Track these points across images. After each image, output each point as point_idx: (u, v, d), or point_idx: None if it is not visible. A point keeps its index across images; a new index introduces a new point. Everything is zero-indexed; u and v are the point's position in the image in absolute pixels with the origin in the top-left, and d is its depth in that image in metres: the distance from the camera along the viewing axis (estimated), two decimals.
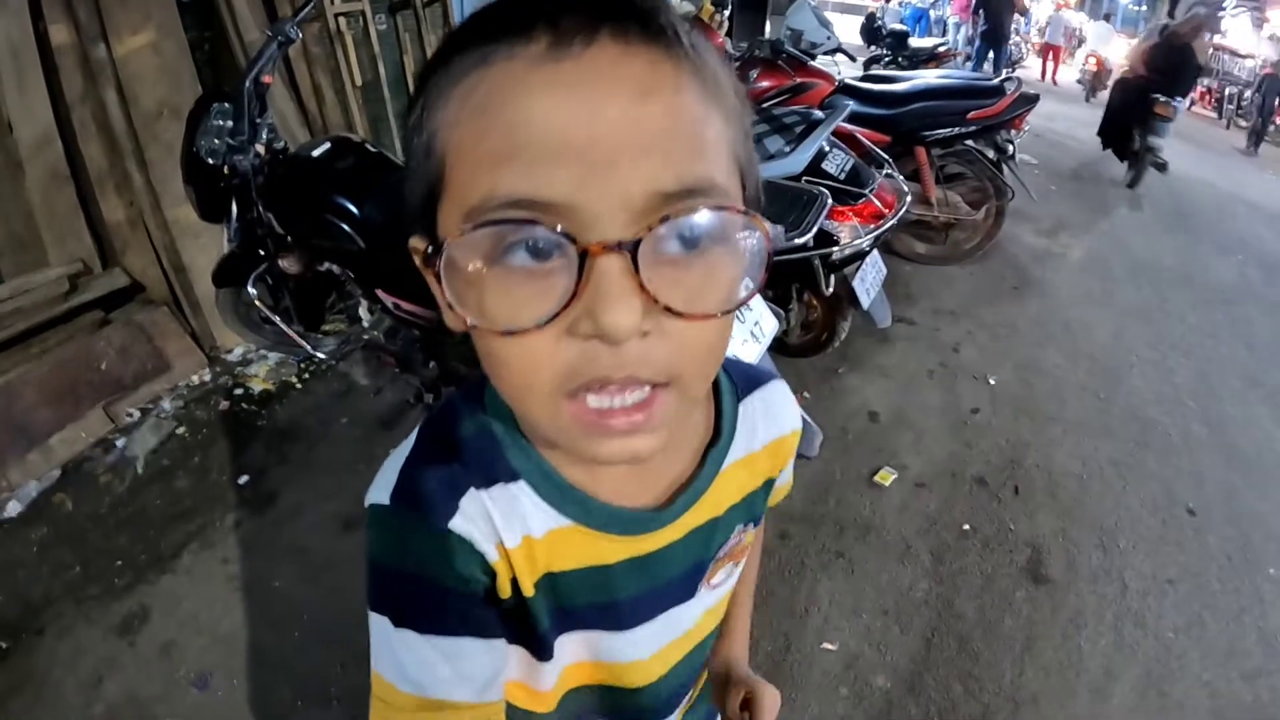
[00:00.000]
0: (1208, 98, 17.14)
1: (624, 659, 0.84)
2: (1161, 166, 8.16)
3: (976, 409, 4.00)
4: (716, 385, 0.81)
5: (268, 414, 3.67)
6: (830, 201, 3.07)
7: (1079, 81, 16.56)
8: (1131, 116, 8.15)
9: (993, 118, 5.04)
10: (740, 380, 0.85)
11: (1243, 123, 15.33)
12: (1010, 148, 5.31)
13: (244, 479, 3.26)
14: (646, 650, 0.84)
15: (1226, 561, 3.19)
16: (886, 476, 3.38)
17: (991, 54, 13.91)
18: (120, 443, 3.42)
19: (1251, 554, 3.24)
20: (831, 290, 3.35)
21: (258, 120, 2.98)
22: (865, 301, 3.52)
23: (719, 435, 0.80)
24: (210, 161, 3.00)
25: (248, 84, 2.92)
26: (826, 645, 2.61)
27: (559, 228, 0.49)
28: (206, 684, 2.45)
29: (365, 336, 3.25)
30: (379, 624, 0.68)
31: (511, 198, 0.49)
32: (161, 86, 3.82)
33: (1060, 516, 3.32)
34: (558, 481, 0.71)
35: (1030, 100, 5.19)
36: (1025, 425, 3.93)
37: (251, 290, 3.18)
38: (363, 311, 3.28)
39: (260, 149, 3.00)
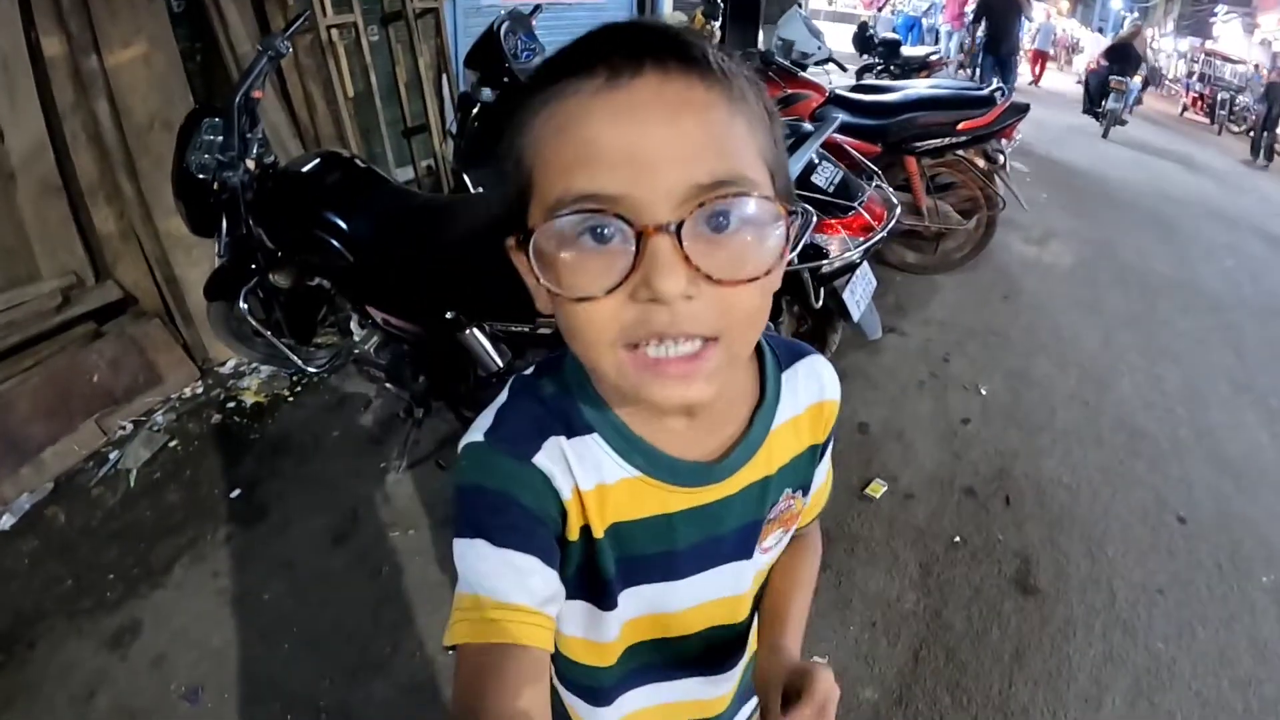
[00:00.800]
0: (1200, 103, 17.15)
1: (678, 607, 0.94)
2: (1122, 123, 12.56)
3: (967, 419, 4.01)
4: (761, 357, 0.92)
5: (259, 427, 3.67)
6: (815, 219, 3.07)
7: (1079, 82, 16.76)
8: (1100, 91, 12.61)
9: (983, 128, 5.04)
10: (783, 352, 0.95)
11: (1235, 128, 15.37)
12: (1001, 157, 5.31)
13: (235, 492, 3.26)
14: (699, 597, 0.94)
15: (1216, 569, 3.19)
16: (877, 489, 3.38)
17: (998, 69, 11.12)
18: (112, 455, 3.43)
19: (1242, 561, 3.25)
20: (821, 303, 3.35)
21: (248, 135, 2.99)
22: (855, 314, 3.52)
23: (764, 398, 0.90)
24: (200, 177, 3.00)
25: (238, 99, 2.92)
26: (815, 658, 2.61)
27: (619, 214, 0.62)
28: (197, 697, 2.45)
29: (356, 350, 3.26)
30: (458, 544, 0.79)
31: (582, 193, 0.62)
32: (153, 98, 3.82)
33: (1049, 526, 3.32)
34: (627, 434, 0.82)
35: (1021, 110, 5.19)
36: (1015, 435, 3.93)
37: (243, 305, 3.18)
38: (354, 325, 3.28)
39: (250, 164, 3.01)
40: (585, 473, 0.81)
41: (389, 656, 2.57)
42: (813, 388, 0.96)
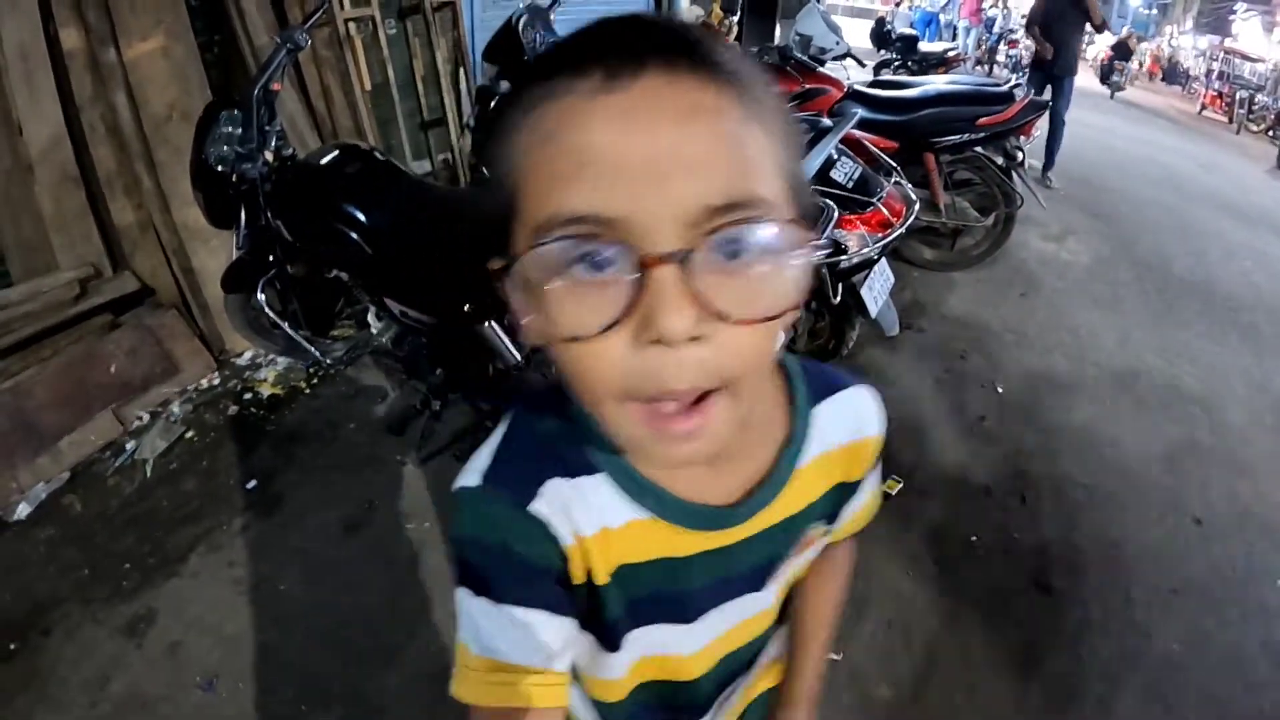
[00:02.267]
0: (1219, 101, 17.05)
1: (689, 650, 0.90)
2: (1122, 89, 17.10)
3: (983, 417, 3.99)
4: (791, 390, 0.86)
5: (276, 418, 3.68)
6: (836, 214, 3.06)
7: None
8: (1109, 70, 16.80)
9: (1002, 124, 5.03)
10: (817, 385, 0.88)
11: (1254, 127, 15.27)
12: (1020, 154, 5.29)
13: (251, 483, 3.27)
14: (710, 636, 0.90)
15: (1231, 572, 3.18)
16: (893, 485, 3.37)
17: (1050, 88, 8.18)
18: (129, 445, 3.44)
19: (1257, 564, 3.23)
20: (839, 299, 3.35)
21: (266, 128, 3.00)
22: (873, 310, 3.51)
23: (792, 438, 0.84)
24: (219, 169, 3.01)
25: (256, 91, 2.93)
26: (830, 655, 2.61)
27: (618, 240, 0.54)
28: (212, 685, 2.46)
29: (373, 343, 3.26)
30: (461, 595, 0.75)
31: (575, 214, 0.54)
32: (171, 90, 3.83)
33: (1065, 526, 3.31)
34: (636, 477, 0.76)
35: (1040, 107, 5.19)
36: (1031, 434, 3.91)
37: (260, 296, 3.19)
38: (371, 317, 3.29)
39: (269, 156, 3.01)
40: (588, 517, 0.76)
41: (404, 646, 2.58)
42: (849, 424, 0.89)
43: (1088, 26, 8.16)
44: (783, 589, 0.96)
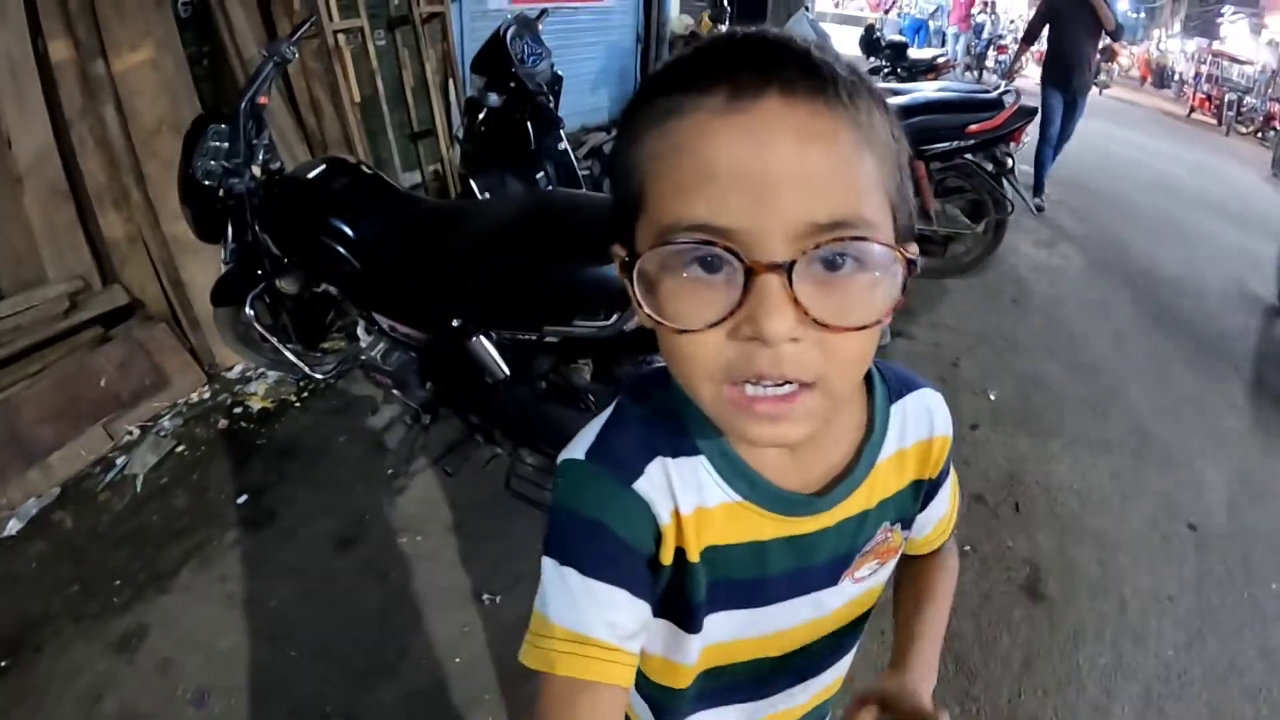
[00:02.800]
0: (1208, 104, 17.12)
1: (761, 633, 0.91)
2: (1108, 86, 16.85)
3: (976, 425, 4.00)
4: (871, 386, 0.89)
5: (267, 432, 3.67)
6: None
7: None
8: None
9: (992, 131, 5.04)
10: (894, 384, 0.92)
11: (1242, 129, 15.34)
12: (1010, 161, 5.31)
13: (242, 497, 3.26)
14: (782, 625, 0.91)
15: (1227, 576, 3.18)
16: None
17: (1064, 111, 7.30)
18: (120, 460, 3.43)
19: (1252, 569, 3.24)
20: None
21: (254, 141, 2.99)
22: None
23: (872, 431, 0.87)
24: (206, 183, 3.02)
25: (244, 105, 2.92)
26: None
27: (730, 248, 0.59)
28: (204, 701, 2.45)
29: (363, 357, 3.25)
30: (547, 565, 0.78)
31: (695, 222, 0.60)
32: (160, 103, 3.83)
33: (1060, 533, 3.31)
34: (733, 459, 0.80)
35: (1030, 113, 5.19)
36: (1025, 440, 3.92)
37: (249, 310, 3.18)
38: (360, 331, 3.28)
39: (256, 170, 3.01)
40: (686, 495, 0.79)
41: (397, 662, 2.57)
42: (923, 423, 0.93)
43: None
44: (859, 599, 0.97)
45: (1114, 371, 4.72)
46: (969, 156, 5.19)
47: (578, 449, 0.81)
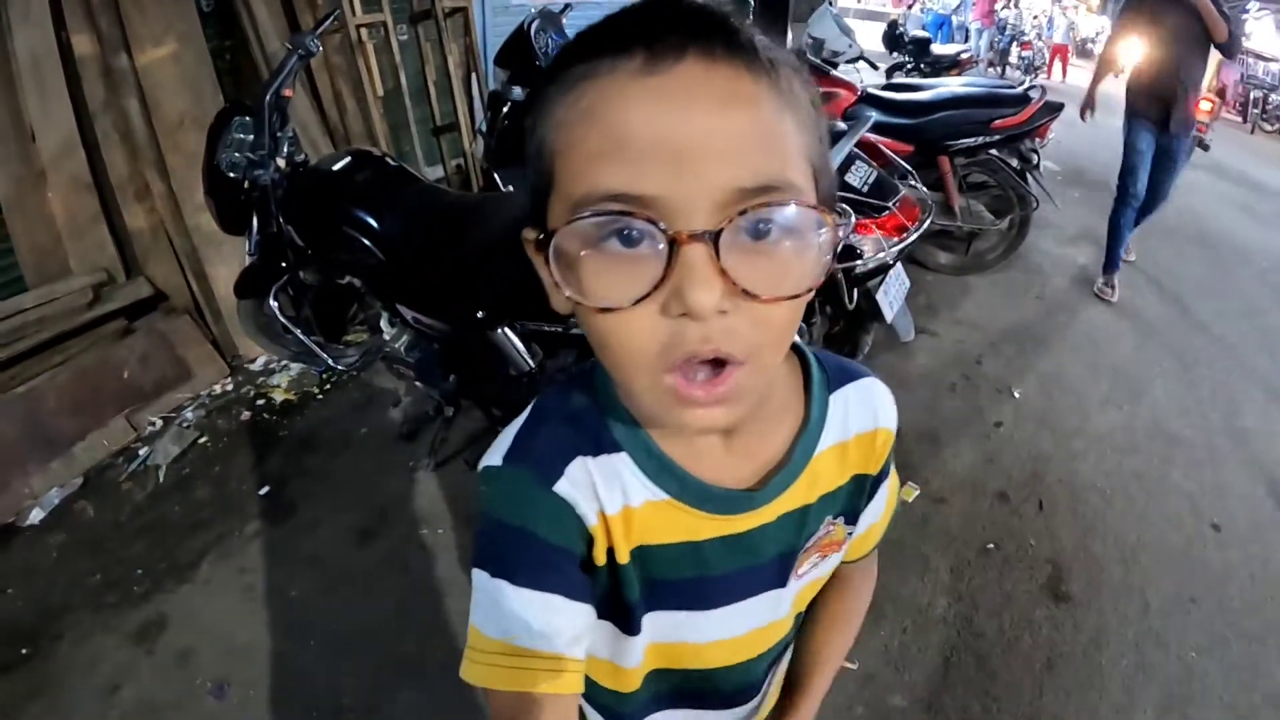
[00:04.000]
0: (1232, 101, 16.93)
1: (706, 638, 0.89)
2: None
3: (999, 423, 3.97)
4: (809, 376, 0.87)
5: (288, 424, 3.69)
6: (853, 220, 3.03)
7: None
8: None
9: (1017, 127, 5.01)
10: (834, 372, 0.89)
11: (1268, 127, 15.19)
12: (1035, 157, 5.27)
13: (264, 489, 3.28)
14: (730, 631, 0.88)
15: (1249, 579, 3.15)
16: (909, 492, 3.35)
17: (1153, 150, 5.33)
18: (142, 451, 3.45)
19: (1275, 570, 3.20)
20: (854, 304, 3.33)
21: (278, 134, 2.99)
22: (888, 315, 3.49)
23: (809, 421, 0.84)
24: (231, 175, 3.01)
25: (268, 98, 2.92)
26: (845, 664, 2.59)
27: (651, 218, 0.56)
28: (223, 693, 2.46)
29: (385, 349, 3.26)
30: (479, 577, 0.75)
31: (611, 191, 0.57)
32: (183, 96, 3.84)
33: (1082, 533, 3.29)
34: (658, 456, 0.77)
35: (1055, 109, 5.15)
36: (1048, 439, 3.89)
37: (273, 302, 3.19)
38: (383, 323, 3.28)
39: (280, 162, 3.01)
40: (611, 495, 0.77)
41: (416, 656, 2.57)
42: (865, 414, 0.90)
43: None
44: (801, 597, 0.95)
45: (1138, 370, 4.68)
46: (994, 152, 5.15)
47: (495, 455, 0.79)
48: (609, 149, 0.57)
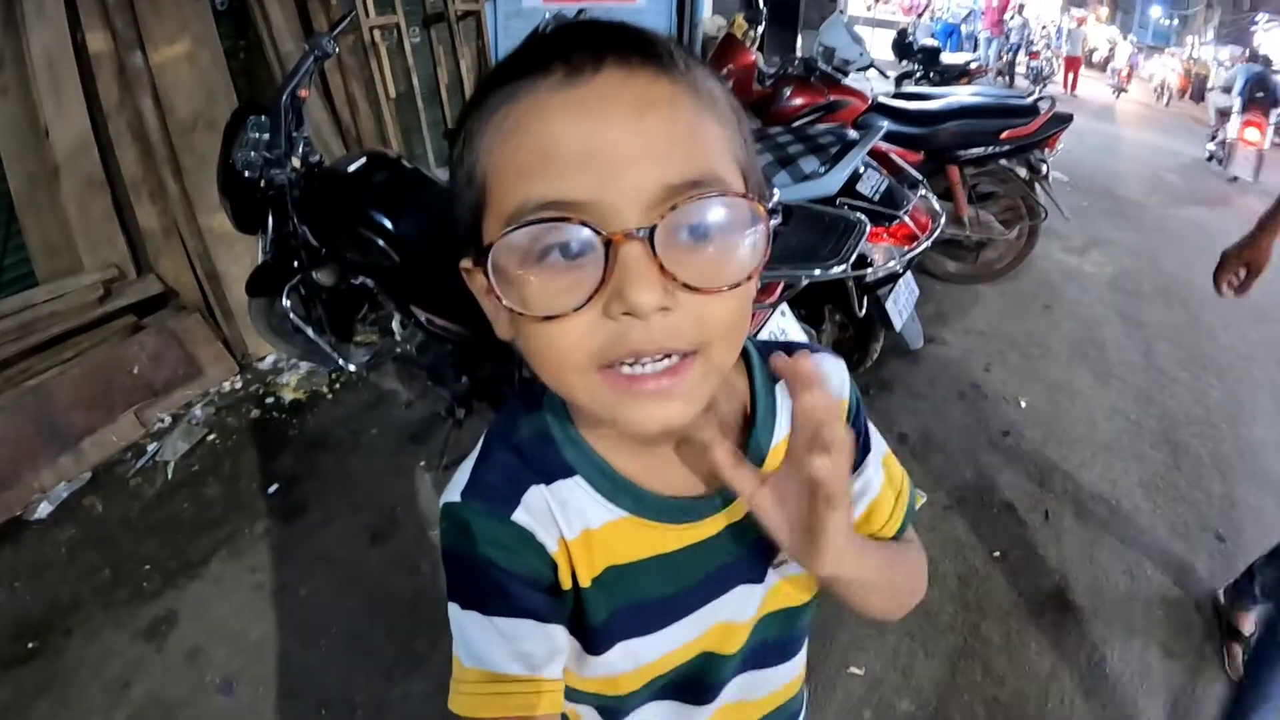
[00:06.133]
0: None
1: (682, 641, 0.88)
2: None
3: (1007, 431, 3.97)
4: (751, 372, 0.86)
5: (298, 423, 3.70)
6: (868, 228, 3.04)
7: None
8: None
9: (1027, 137, 5.00)
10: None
11: (1277, 139, 15.17)
12: (1044, 167, 5.27)
13: (273, 488, 3.29)
14: (700, 629, 0.87)
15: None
16: (918, 499, 3.34)
17: None
18: (151, 447, 3.46)
19: None
20: (864, 312, 3.33)
21: (294, 134, 3.01)
22: (898, 323, 3.50)
23: (758, 417, 0.84)
24: (246, 174, 3.03)
25: (284, 98, 2.94)
26: (852, 670, 2.59)
27: (585, 221, 0.57)
28: (232, 690, 2.47)
29: (397, 349, 3.27)
30: (452, 610, 0.77)
31: (543, 200, 0.58)
32: (197, 96, 3.86)
33: (1089, 541, 3.28)
34: (611, 475, 0.78)
35: (1065, 119, 5.14)
36: (1055, 448, 3.88)
37: (285, 301, 3.20)
38: (395, 324, 3.29)
39: (296, 162, 3.02)
40: (569, 520, 0.78)
41: (427, 655, 2.57)
42: None
43: None
44: (790, 589, 0.91)
45: (1145, 379, 4.67)
46: (1003, 162, 5.15)
47: (454, 491, 0.79)
48: (538, 161, 0.59)
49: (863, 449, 0.92)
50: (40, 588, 2.82)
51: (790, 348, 0.85)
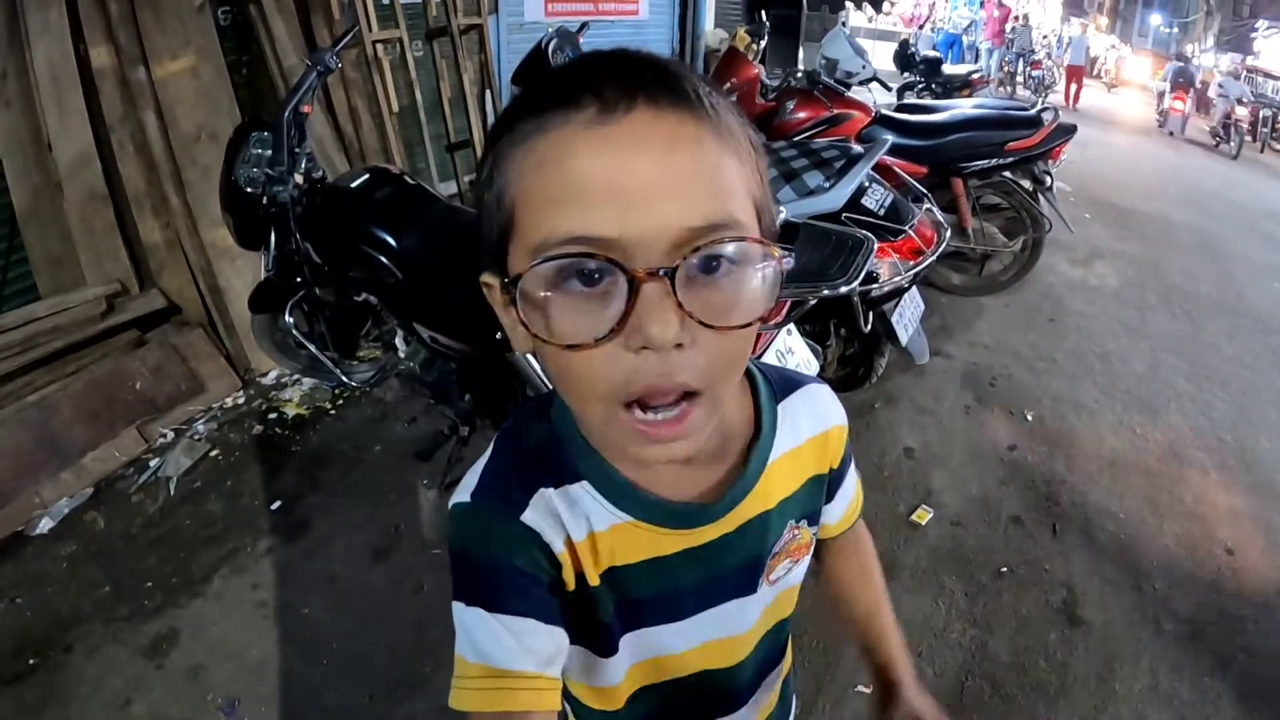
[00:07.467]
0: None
1: (681, 648, 0.92)
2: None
3: (1013, 445, 3.96)
4: (755, 389, 0.91)
5: (301, 439, 3.68)
6: (876, 246, 3.03)
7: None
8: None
9: (1030, 149, 5.01)
10: (778, 383, 0.94)
11: (1277, 145, 15.24)
12: (1048, 179, 5.27)
13: (276, 504, 3.26)
14: (701, 638, 0.92)
15: (1264, 603, 3.13)
16: (923, 515, 3.34)
17: None
18: (153, 463, 3.44)
19: None
20: (870, 327, 3.33)
21: (296, 150, 3.00)
22: (904, 338, 3.49)
23: (760, 431, 0.89)
24: (249, 190, 3.03)
25: (287, 114, 2.94)
26: (860, 688, 2.57)
27: (611, 259, 0.60)
28: (234, 709, 2.45)
29: (400, 366, 3.26)
30: (457, 609, 0.79)
31: (570, 235, 0.60)
32: (200, 110, 3.86)
33: (1096, 556, 3.27)
34: (617, 481, 0.81)
35: (1068, 131, 5.15)
36: (1062, 462, 3.87)
37: (288, 318, 3.19)
38: (398, 341, 3.29)
39: (299, 179, 3.02)
40: (576, 522, 0.81)
41: (431, 675, 2.55)
42: (814, 419, 0.95)
43: None
44: (778, 603, 0.99)
45: (1151, 392, 4.66)
46: (1007, 174, 5.15)
47: (464, 492, 0.82)
48: (567, 195, 0.61)
49: (845, 461, 1.02)
50: (41, 603, 2.80)
51: (792, 377, 0.98)
